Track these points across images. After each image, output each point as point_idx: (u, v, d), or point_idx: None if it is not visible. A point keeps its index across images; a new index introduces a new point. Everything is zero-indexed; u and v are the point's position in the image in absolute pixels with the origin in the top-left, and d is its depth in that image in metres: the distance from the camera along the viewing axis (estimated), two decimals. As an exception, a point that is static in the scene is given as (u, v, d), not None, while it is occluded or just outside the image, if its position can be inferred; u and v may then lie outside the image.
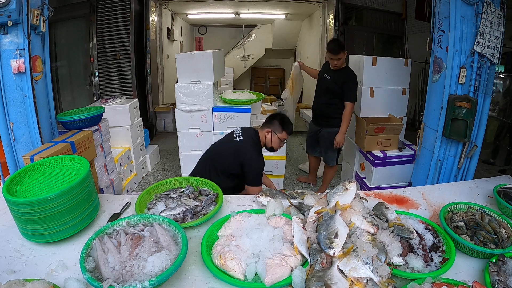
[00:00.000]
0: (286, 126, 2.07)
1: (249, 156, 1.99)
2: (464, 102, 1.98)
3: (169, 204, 1.41)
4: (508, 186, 1.48)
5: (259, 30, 8.38)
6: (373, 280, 0.93)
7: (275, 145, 2.09)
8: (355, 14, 5.51)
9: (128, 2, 4.55)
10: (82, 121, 2.32)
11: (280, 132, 2.05)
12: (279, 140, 2.07)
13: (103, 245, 1.04)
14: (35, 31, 1.93)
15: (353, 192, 1.24)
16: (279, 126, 2.06)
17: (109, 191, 2.62)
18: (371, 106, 3.15)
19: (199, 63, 3.05)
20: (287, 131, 2.08)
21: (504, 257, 1.05)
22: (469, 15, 1.91)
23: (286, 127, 2.07)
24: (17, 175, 1.31)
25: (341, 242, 1.00)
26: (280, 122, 2.06)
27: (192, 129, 3.19)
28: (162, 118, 5.72)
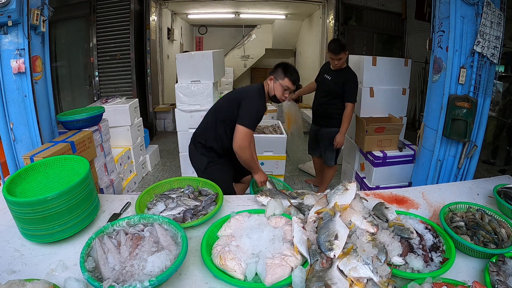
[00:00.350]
0: (289, 72, 1.92)
1: (248, 94, 1.94)
2: (464, 102, 1.98)
3: (169, 204, 1.41)
4: (508, 186, 1.48)
5: (259, 30, 8.38)
6: (373, 280, 0.93)
7: (277, 92, 1.94)
8: (355, 14, 5.51)
9: (128, 2, 4.55)
10: (82, 121, 2.32)
11: (282, 78, 1.91)
12: (281, 88, 1.92)
13: (103, 245, 1.04)
14: (35, 31, 1.93)
15: (353, 192, 1.24)
16: (282, 73, 1.92)
17: (109, 191, 2.62)
18: (371, 106, 3.15)
19: (199, 63, 3.05)
20: (290, 78, 1.91)
21: (504, 257, 1.06)
22: (469, 15, 1.91)
23: (289, 74, 1.92)
24: (17, 175, 1.31)
25: (341, 244, 1.00)
26: (283, 69, 1.92)
27: (192, 129, 3.17)
28: (162, 118, 5.72)
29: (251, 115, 1.86)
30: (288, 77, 1.91)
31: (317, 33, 6.03)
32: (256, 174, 2.00)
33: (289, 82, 1.91)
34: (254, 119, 1.88)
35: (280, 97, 1.96)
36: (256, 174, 2.00)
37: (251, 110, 1.86)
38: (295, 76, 1.93)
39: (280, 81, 1.91)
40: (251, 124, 1.85)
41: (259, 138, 3.20)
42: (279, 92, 1.93)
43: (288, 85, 1.91)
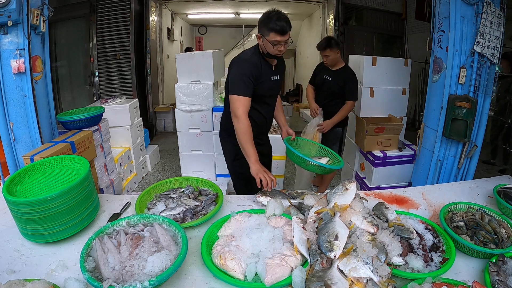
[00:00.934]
0: (272, 23, 1.59)
1: (233, 61, 1.79)
2: (464, 102, 1.97)
3: (169, 204, 1.41)
4: (508, 186, 1.48)
5: (259, 30, 8.37)
6: (373, 280, 0.93)
7: (269, 50, 1.68)
8: (355, 14, 5.52)
9: (128, 2, 4.55)
10: (82, 121, 2.32)
11: (267, 34, 1.62)
12: (270, 44, 1.64)
13: (103, 245, 1.04)
14: (35, 31, 1.93)
15: (353, 192, 1.24)
16: (264, 27, 1.63)
17: (109, 191, 2.62)
18: (371, 106, 3.15)
19: (199, 63, 3.05)
20: (275, 29, 1.59)
21: (504, 257, 1.06)
22: (469, 15, 1.91)
23: (271, 26, 1.59)
24: (17, 175, 1.31)
25: (341, 244, 1.00)
26: (264, 22, 1.63)
27: (192, 129, 3.20)
28: (162, 118, 5.72)
29: (234, 80, 1.70)
30: (273, 31, 1.60)
31: (317, 33, 6.03)
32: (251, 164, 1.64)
33: (276, 35, 1.60)
34: (239, 83, 1.68)
35: (274, 53, 1.69)
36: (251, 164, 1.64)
37: (233, 76, 1.71)
38: (281, 24, 1.59)
39: (266, 38, 1.64)
40: (236, 89, 1.67)
41: (259, 138, 3.20)
42: (271, 49, 1.67)
43: (277, 39, 1.61)
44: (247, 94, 1.68)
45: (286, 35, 1.61)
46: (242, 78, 1.67)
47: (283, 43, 1.64)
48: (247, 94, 1.68)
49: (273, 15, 1.60)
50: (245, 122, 1.66)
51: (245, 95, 1.67)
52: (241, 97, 1.66)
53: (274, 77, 1.82)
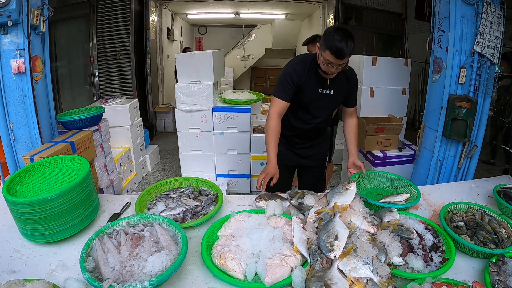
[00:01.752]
0: (331, 41, 1.42)
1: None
2: (464, 102, 1.98)
3: (169, 204, 1.41)
4: (508, 186, 1.48)
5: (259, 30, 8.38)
6: (373, 280, 0.93)
7: (321, 64, 1.54)
8: (355, 14, 5.51)
9: (128, 2, 4.55)
10: (82, 121, 2.32)
11: (324, 50, 1.47)
12: (322, 59, 1.51)
13: (103, 245, 1.04)
14: (35, 31, 1.93)
15: (353, 192, 1.24)
16: (323, 42, 1.48)
17: (109, 191, 2.62)
18: (371, 106, 3.15)
19: (199, 63, 3.05)
20: (332, 49, 1.43)
21: (504, 257, 1.06)
22: (469, 15, 1.91)
23: (330, 44, 1.43)
24: (17, 175, 1.31)
25: (341, 245, 1.00)
26: (324, 37, 1.48)
27: (192, 129, 3.20)
28: (162, 118, 5.72)
29: (277, 80, 1.68)
30: (330, 50, 1.44)
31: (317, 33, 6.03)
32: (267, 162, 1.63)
33: (331, 56, 1.44)
34: (278, 85, 1.66)
35: (325, 70, 1.54)
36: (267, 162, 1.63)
37: (279, 76, 1.67)
38: (341, 47, 1.41)
39: (322, 53, 1.50)
40: (275, 90, 1.66)
41: (259, 138, 3.21)
42: (322, 65, 1.53)
43: (330, 59, 1.46)
44: (283, 98, 1.64)
45: (342, 60, 1.46)
46: (281, 81, 1.65)
47: (335, 66, 1.49)
48: (283, 98, 1.64)
49: (339, 33, 1.43)
50: (273, 122, 1.65)
51: (281, 98, 1.65)
52: (276, 99, 1.66)
53: (323, 90, 1.66)
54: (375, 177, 1.70)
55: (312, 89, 1.66)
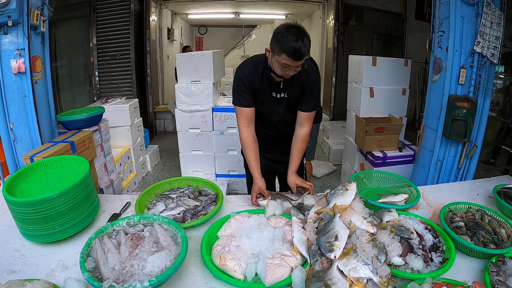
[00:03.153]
0: (286, 44, 1.27)
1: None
2: (464, 102, 1.97)
3: (169, 204, 1.41)
4: (508, 186, 1.48)
5: (259, 30, 8.38)
6: (373, 280, 0.93)
7: (276, 69, 1.40)
8: (355, 14, 5.51)
9: (128, 2, 4.55)
10: (82, 121, 2.32)
11: (278, 53, 1.31)
12: (277, 64, 1.35)
13: (103, 245, 1.04)
14: (35, 31, 1.93)
15: (353, 192, 1.24)
16: (276, 45, 1.32)
17: (109, 191, 2.62)
18: (371, 106, 3.15)
19: (199, 63, 3.05)
20: (288, 52, 1.28)
21: (504, 257, 1.06)
22: (469, 15, 1.91)
23: (285, 47, 1.27)
24: (17, 175, 1.31)
25: (341, 245, 1.00)
26: (276, 39, 1.31)
27: (192, 129, 3.20)
28: (162, 118, 5.72)
29: (233, 88, 1.57)
30: (286, 53, 1.28)
31: (317, 33, 6.03)
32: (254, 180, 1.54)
33: (289, 59, 1.30)
34: (235, 92, 1.55)
35: (283, 75, 1.41)
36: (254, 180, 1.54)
37: (233, 83, 1.57)
38: (298, 47, 1.26)
39: (276, 57, 1.34)
40: (234, 99, 1.56)
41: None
42: (278, 69, 1.38)
43: (287, 63, 1.31)
44: (245, 105, 1.53)
45: (300, 60, 1.32)
46: (235, 88, 1.55)
47: (293, 68, 1.35)
48: (245, 105, 1.53)
49: (292, 32, 1.27)
50: (243, 134, 1.55)
51: (242, 106, 1.53)
52: (238, 108, 1.55)
53: (277, 95, 1.53)
54: (375, 177, 1.70)
55: (264, 93, 1.54)
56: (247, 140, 1.55)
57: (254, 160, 1.55)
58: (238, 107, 1.56)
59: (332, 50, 5.28)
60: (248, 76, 1.50)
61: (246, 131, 1.55)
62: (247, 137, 1.55)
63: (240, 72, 1.53)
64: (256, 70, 1.50)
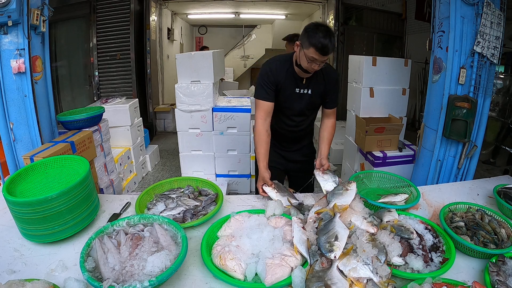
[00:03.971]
0: (315, 38, 1.38)
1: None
2: (464, 102, 1.97)
3: (169, 204, 1.41)
4: (508, 186, 1.48)
5: (259, 30, 8.38)
6: (373, 280, 0.93)
7: (302, 62, 1.50)
8: (355, 14, 5.52)
9: (128, 2, 4.55)
10: (82, 121, 2.32)
11: (307, 47, 1.42)
12: (305, 58, 1.46)
13: (103, 245, 1.04)
14: (35, 31, 1.93)
15: (353, 192, 1.24)
16: (306, 39, 1.43)
17: (109, 191, 2.62)
18: (371, 106, 3.15)
19: (199, 63, 3.05)
20: (317, 46, 1.39)
21: (504, 257, 1.06)
22: (469, 15, 1.91)
23: (314, 41, 1.39)
24: (17, 175, 1.31)
25: (341, 245, 1.00)
26: (307, 34, 1.43)
27: (192, 129, 3.20)
28: (162, 118, 5.72)
29: (256, 82, 1.67)
30: (315, 47, 1.40)
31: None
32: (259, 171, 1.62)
33: (315, 53, 1.41)
34: (258, 86, 1.64)
35: (307, 68, 1.50)
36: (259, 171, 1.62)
37: (257, 78, 1.66)
38: (324, 43, 1.38)
39: (305, 50, 1.45)
40: (256, 92, 1.65)
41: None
42: (304, 62, 1.49)
43: (315, 56, 1.42)
44: (266, 98, 1.61)
45: (326, 56, 1.44)
46: (260, 82, 1.63)
47: (319, 63, 1.47)
48: (266, 98, 1.61)
49: (321, 30, 1.40)
50: (259, 126, 1.62)
51: (263, 99, 1.61)
52: (259, 101, 1.63)
53: (301, 90, 1.63)
54: (375, 177, 1.70)
55: (289, 89, 1.63)
56: (260, 133, 1.63)
57: (263, 153, 1.63)
58: (259, 100, 1.64)
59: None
60: (275, 71, 1.60)
61: (262, 124, 1.63)
62: (261, 130, 1.63)
63: (267, 67, 1.63)
64: (283, 66, 1.61)
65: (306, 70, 1.51)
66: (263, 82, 1.61)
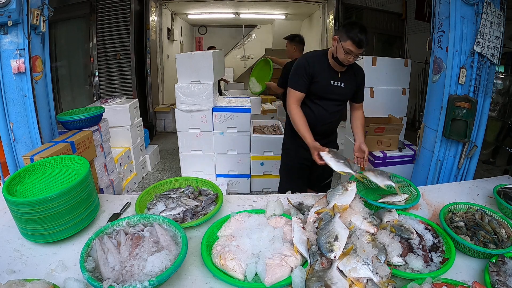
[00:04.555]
0: (352, 32, 1.59)
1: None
2: (464, 102, 1.98)
3: (169, 204, 1.41)
4: (508, 186, 1.48)
5: (259, 30, 8.39)
6: (373, 280, 0.93)
7: (339, 55, 1.68)
8: (355, 14, 5.51)
9: (128, 2, 4.55)
10: (82, 121, 2.32)
11: (345, 40, 1.62)
12: (342, 50, 1.65)
13: (103, 245, 1.04)
14: (35, 31, 1.93)
15: (353, 192, 1.24)
16: (344, 33, 1.63)
17: (109, 191, 2.62)
18: (371, 106, 3.15)
19: (199, 63, 3.05)
20: (353, 39, 1.59)
21: (504, 257, 1.06)
22: (469, 15, 1.91)
23: (352, 34, 1.59)
24: (17, 175, 1.31)
25: (341, 245, 1.00)
26: (346, 29, 1.63)
27: (192, 129, 3.20)
28: (162, 118, 5.72)
29: (291, 72, 1.82)
30: (352, 40, 1.60)
31: (317, 34, 6.04)
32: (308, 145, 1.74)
33: (352, 45, 1.61)
34: (293, 76, 1.80)
35: (343, 60, 1.69)
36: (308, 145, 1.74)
37: (292, 68, 1.82)
38: (361, 37, 1.59)
39: (342, 43, 1.65)
40: (290, 81, 1.81)
41: (259, 138, 3.21)
42: (341, 55, 1.67)
43: (351, 49, 1.62)
44: (298, 88, 1.78)
45: (361, 49, 1.63)
46: (295, 72, 1.79)
47: (354, 55, 1.65)
48: (298, 88, 1.78)
49: (358, 26, 1.61)
50: (296, 110, 1.79)
51: (296, 89, 1.78)
52: (292, 90, 1.80)
53: (335, 83, 1.80)
54: None
55: (324, 80, 1.78)
56: (298, 114, 1.80)
57: (306, 130, 1.76)
58: (292, 90, 1.80)
59: (332, 50, 5.28)
60: (312, 64, 1.77)
61: (296, 108, 1.81)
62: (298, 112, 1.80)
63: (304, 59, 1.79)
64: (320, 59, 1.79)
65: (342, 62, 1.69)
66: (298, 72, 1.77)
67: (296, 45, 3.21)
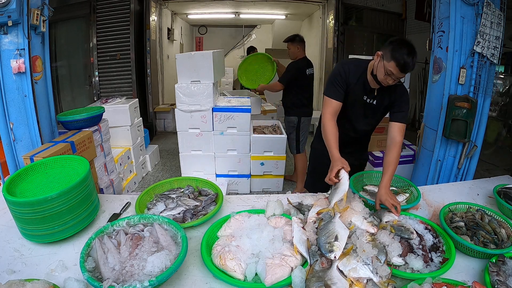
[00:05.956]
0: (398, 53, 1.38)
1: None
2: (464, 102, 1.98)
3: (169, 204, 1.41)
4: (508, 186, 1.48)
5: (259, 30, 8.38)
6: (373, 280, 0.93)
7: (379, 74, 1.49)
8: (355, 14, 5.51)
9: (128, 2, 4.55)
10: (82, 121, 2.32)
11: (388, 60, 1.42)
12: (383, 70, 1.45)
13: (103, 245, 1.04)
14: (35, 31, 1.93)
15: (345, 179, 1.25)
16: (389, 52, 1.42)
17: (109, 191, 2.62)
18: (371, 106, 3.15)
19: (199, 63, 3.05)
20: (397, 62, 1.38)
21: (504, 257, 1.06)
22: (469, 15, 1.92)
23: (397, 55, 1.38)
24: (17, 175, 1.31)
25: (341, 245, 1.00)
26: (391, 48, 1.41)
27: (192, 129, 3.20)
28: (162, 118, 5.72)
29: (328, 79, 1.66)
30: (396, 61, 1.39)
31: (317, 34, 6.03)
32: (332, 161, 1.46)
33: (395, 68, 1.40)
34: (329, 84, 1.63)
35: (381, 81, 1.50)
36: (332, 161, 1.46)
37: (329, 75, 1.66)
38: (408, 61, 1.38)
39: (384, 62, 1.44)
40: (326, 89, 1.63)
41: (259, 138, 3.21)
42: (380, 74, 1.48)
43: (393, 71, 1.42)
44: (335, 97, 1.60)
45: (405, 73, 1.44)
46: (332, 80, 1.62)
47: (395, 78, 1.46)
48: (335, 97, 1.60)
49: (407, 47, 1.40)
50: (330, 123, 1.58)
51: (332, 98, 1.60)
52: (328, 99, 1.62)
53: (368, 99, 1.63)
54: (375, 177, 1.70)
55: (356, 95, 1.62)
56: (331, 127, 1.57)
57: (334, 143, 1.53)
58: (329, 98, 1.62)
59: (332, 50, 5.28)
60: (349, 73, 1.60)
61: (330, 120, 1.59)
62: (331, 125, 1.58)
63: (341, 67, 1.63)
64: (356, 71, 1.60)
65: (380, 82, 1.50)
66: (335, 80, 1.60)
67: (299, 45, 3.25)
